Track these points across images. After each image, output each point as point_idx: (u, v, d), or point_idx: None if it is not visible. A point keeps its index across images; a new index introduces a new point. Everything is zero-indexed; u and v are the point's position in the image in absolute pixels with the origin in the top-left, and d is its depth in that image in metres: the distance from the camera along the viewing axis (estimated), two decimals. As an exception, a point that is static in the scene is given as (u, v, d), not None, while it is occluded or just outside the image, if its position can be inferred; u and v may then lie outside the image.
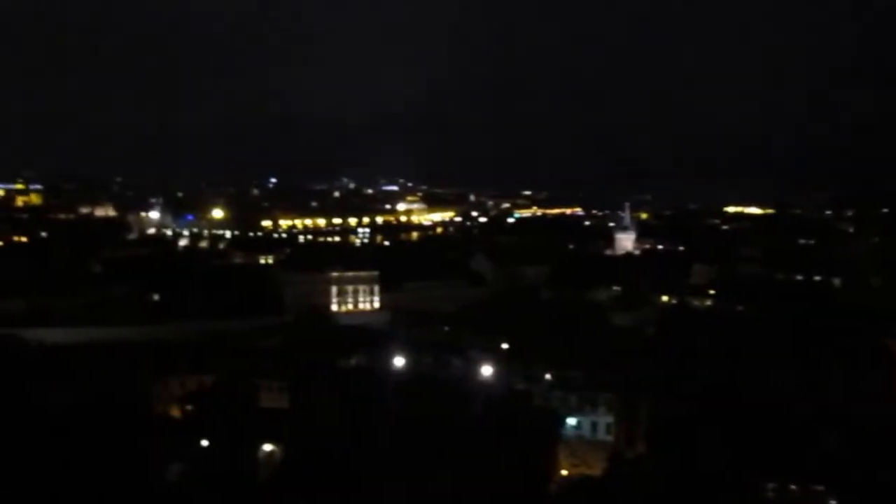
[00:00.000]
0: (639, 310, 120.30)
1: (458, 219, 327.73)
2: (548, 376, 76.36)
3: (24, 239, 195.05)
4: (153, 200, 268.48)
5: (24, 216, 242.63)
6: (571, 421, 70.83)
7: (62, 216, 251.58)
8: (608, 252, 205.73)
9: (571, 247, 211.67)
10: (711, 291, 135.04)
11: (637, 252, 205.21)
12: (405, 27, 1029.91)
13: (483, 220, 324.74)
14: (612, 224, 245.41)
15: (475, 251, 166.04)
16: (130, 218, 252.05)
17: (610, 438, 68.82)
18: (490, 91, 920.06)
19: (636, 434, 65.70)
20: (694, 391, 67.28)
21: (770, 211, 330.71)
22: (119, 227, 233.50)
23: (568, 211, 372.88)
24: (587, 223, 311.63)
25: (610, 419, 69.79)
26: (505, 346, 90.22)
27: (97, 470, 49.29)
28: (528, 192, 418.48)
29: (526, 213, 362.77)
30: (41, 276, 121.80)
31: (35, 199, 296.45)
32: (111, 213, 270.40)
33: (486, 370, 79.40)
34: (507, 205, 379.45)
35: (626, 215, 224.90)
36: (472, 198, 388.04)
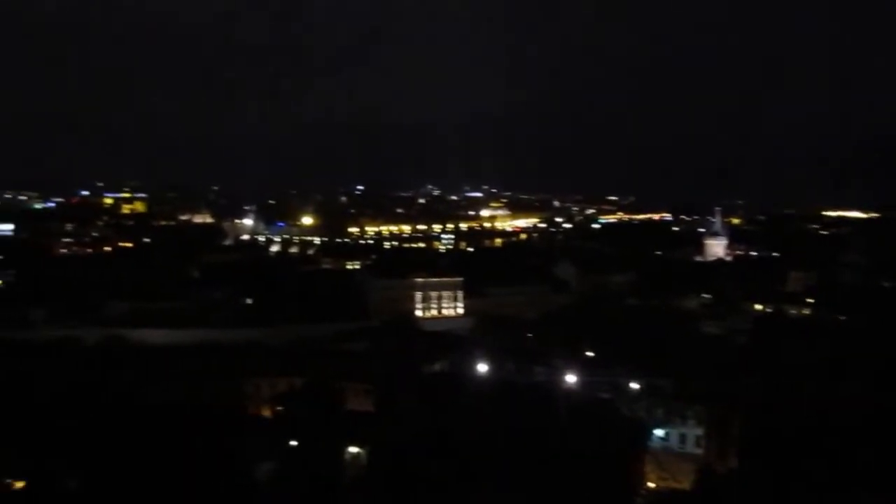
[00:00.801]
0: (731, 318, 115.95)
1: (543, 225, 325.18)
2: (634, 386, 74.58)
3: (129, 244, 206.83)
4: (247, 208, 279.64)
5: (130, 223, 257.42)
6: (659, 432, 68.79)
7: (164, 223, 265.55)
8: (698, 258, 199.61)
9: (659, 253, 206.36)
10: (809, 300, 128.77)
11: (729, 258, 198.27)
12: (490, 34, 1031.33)
13: (568, 225, 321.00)
14: (702, 229, 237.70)
15: (559, 257, 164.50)
16: (226, 225, 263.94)
17: (699, 451, 66.47)
18: (576, 94, 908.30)
19: (727, 448, 63.27)
20: (791, 404, 64.21)
21: (874, 215, 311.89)
22: (215, 233, 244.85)
23: (655, 216, 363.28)
24: (675, 229, 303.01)
25: (699, 431, 67.41)
26: (590, 353, 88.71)
27: (193, 466, 51.31)
28: (613, 197, 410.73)
29: (611, 218, 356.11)
30: (144, 280, 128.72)
31: (139, 206, 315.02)
32: (208, 220, 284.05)
33: (570, 378, 78.05)
34: (592, 210, 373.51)
35: (717, 220, 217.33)
36: (556, 203, 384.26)
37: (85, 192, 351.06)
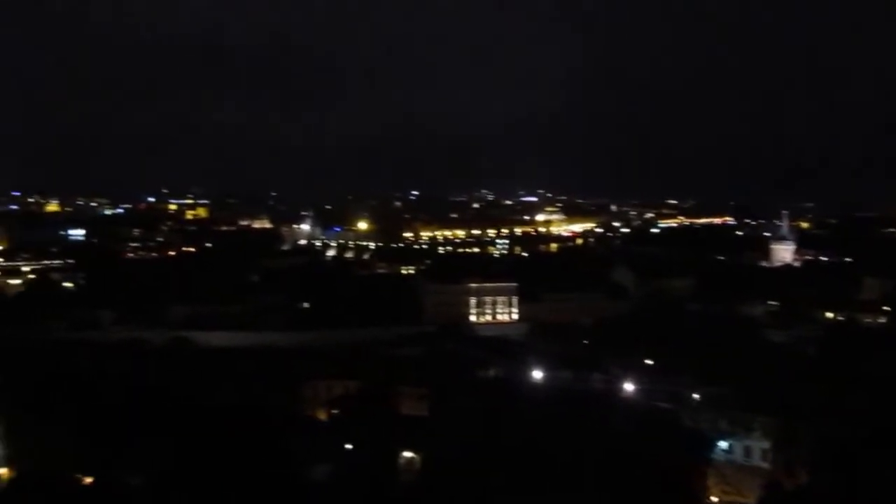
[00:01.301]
0: (799, 326, 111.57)
1: (599, 229, 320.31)
2: (696, 396, 72.39)
3: (192, 249, 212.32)
4: (304, 213, 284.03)
5: (193, 228, 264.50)
6: (722, 444, 66.47)
7: (225, 228, 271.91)
8: (763, 264, 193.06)
9: (721, 258, 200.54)
10: (886, 307, 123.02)
11: (797, 264, 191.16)
12: (542, 35, 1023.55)
13: (625, 230, 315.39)
14: (767, 234, 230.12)
15: (617, 262, 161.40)
16: (283, 230, 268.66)
17: (766, 465, 63.87)
18: (632, 95, 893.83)
19: (796, 462, 60.61)
20: (864, 416, 61.14)
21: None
22: (274, 238, 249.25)
23: (717, 220, 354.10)
24: (739, 233, 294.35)
25: (766, 444, 64.74)
26: (649, 361, 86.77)
27: (252, 466, 52.01)
28: (673, 201, 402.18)
29: (671, 222, 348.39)
30: (206, 284, 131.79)
31: (202, 212, 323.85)
32: (267, 225, 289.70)
33: (628, 386, 76.77)
34: (650, 214, 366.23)
35: (784, 224, 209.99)
36: (613, 208, 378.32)
37: (151, 199, 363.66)
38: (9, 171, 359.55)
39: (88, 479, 54.37)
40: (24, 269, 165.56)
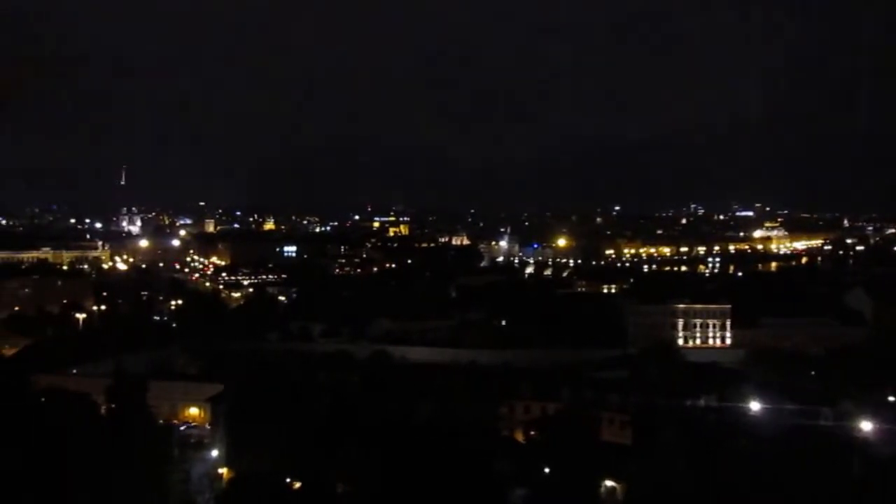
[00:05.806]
0: None
1: (829, 247, 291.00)
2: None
3: (393, 265, 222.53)
4: (502, 230, 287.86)
5: (395, 245, 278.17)
6: None
7: (424, 245, 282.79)
8: None
9: None
10: None
11: None
12: (759, 33, 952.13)
13: (861, 248, 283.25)
14: None
15: (851, 285, 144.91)
16: (482, 246, 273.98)
17: None
18: (867, 96, 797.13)
19: None
20: None
21: None
22: (472, 254, 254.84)
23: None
24: None
25: None
26: (892, 398, 76.58)
27: (457, 483, 51.71)
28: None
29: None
30: (406, 299, 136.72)
31: (404, 229, 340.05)
32: (465, 241, 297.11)
33: (867, 426, 67.39)
34: (893, 230, 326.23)
35: None
36: (846, 223, 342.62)
37: (356, 217, 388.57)
38: (234, 192, 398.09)
39: (298, 484, 57.18)
40: (244, 283, 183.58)
